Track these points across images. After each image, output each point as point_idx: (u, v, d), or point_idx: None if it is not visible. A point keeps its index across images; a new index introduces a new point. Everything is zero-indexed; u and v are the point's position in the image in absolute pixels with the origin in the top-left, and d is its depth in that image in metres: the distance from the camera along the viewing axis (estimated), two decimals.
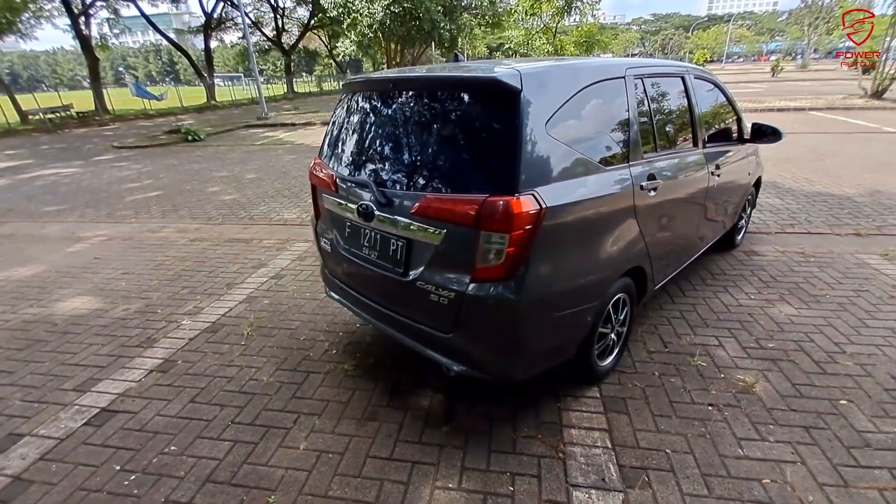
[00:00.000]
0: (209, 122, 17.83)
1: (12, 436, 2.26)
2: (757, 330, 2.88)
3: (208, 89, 27.40)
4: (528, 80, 1.75)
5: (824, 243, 4.15)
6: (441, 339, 2.00)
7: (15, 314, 3.51)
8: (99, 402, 2.46)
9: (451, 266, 1.90)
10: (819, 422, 2.13)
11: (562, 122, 1.87)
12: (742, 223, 4.11)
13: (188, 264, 4.31)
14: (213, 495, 1.89)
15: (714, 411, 2.23)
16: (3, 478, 2.01)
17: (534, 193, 1.73)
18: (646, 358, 2.65)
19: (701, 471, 1.91)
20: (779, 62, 36.36)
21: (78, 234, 5.45)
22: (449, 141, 1.92)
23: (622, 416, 2.23)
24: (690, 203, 2.84)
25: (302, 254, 4.42)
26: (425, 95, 2.03)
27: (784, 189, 5.88)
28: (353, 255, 2.32)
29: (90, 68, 22.10)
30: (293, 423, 2.27)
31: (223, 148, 11.94)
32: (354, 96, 2.40)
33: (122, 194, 7.37)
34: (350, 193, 2.24)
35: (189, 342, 3.00)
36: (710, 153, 2.99)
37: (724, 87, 3.38)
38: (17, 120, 18.99)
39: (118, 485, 1.95)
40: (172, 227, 5.54)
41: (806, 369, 2.49)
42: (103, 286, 3.92)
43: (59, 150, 13.05)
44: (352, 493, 1.87)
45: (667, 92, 2.69)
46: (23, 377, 2.72)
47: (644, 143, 2.34)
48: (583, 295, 2.05)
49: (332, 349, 2.86)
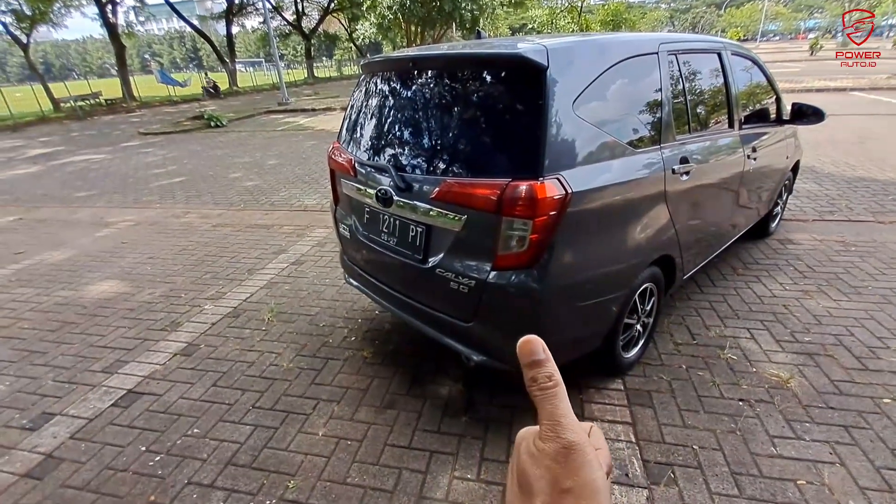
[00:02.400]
0: (231, 108, 18.01)
1: (45, 414, 2.33)
2: (792, 322, 2.74)
3: (230, 75, 27.64)
4: (555, 57, 1.66)
5: (866, 231, 3.92)
6: (461, 327, 1.96)
7: (48, 296, 3.62)
8: (126, 384, 2.52)
9: (471, 253, 1.85)
10: (860, 421, 2.02)
11: (590, 102, 1.77)
12: (777, 210, 3.90)
13: (211, 249, 4.37)
14: (234, 478, 1.91)
15: (745, 407, 2.13)
16: (37, 455, 2.08)
17: (559, 177, 1.65)
18: (672, 350, 2.55)
19: (731, 469, 1.83)
20: (817, 40, 34.33)
21: (106, 219, 5.59)
22: (470, 122, 1.85)
23: (647, 410, 2.15)
24: (724, 188, 2.69)
25: (322, 240, 4.42)
26: (446, 74, 1.95)
27: (823, 174, 5.58)
28: (371, 242, 2.29)
29: (117, 56, 22.52)
30: (312, 409, 2.27)
31: (245, 134, 12.06)
32: (373, 77, 2.33)
33: (148, 180, 7.52)
34: (369, 178, 2.19)
35: (211, 327, 3.04)
36: (746, 135, 2.82)
37: (762, 64, 3.17)
38: (49, 108, 19.57)
39: (143, 465, 2.00)
40: (196, 212, 5.62)
41: (845, 365, 2.36)
42: (130, 270, 4.01)
43: (88, 136, 13.41)
44: (370, 480, 1.87)
45: (702, 69, 2.53)
46: (55, 358, 2.80)
47: (677, 124, 2.21)
48: (608, 284, 1.97)
49: (351, 336, 2.85)
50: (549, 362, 0.36)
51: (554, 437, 0.33)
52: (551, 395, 0.34)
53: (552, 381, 0.35)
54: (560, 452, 0.33)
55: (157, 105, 21.57)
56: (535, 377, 0.35)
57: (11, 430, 2.24)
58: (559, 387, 0.35)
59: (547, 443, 0.33)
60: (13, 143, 12.98)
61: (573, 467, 0.32)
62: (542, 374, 0.35)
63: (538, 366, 0.35)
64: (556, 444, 0.33)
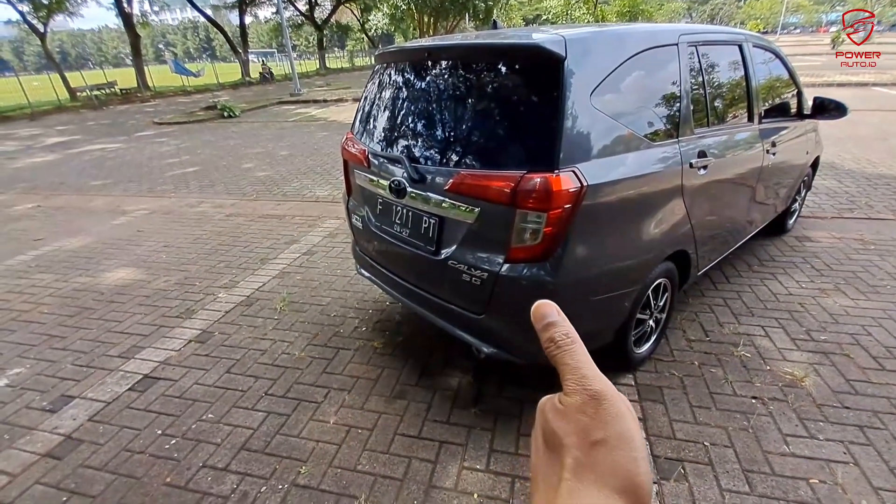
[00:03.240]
0: (244, 98, 18.10)
1: (64, 397, 2.39)
2: (808, 321, 2.70)
3: (243, 65, 27.74)
4: (573, 47, 1.63)
5: (886, 230, 3.84)
6: (472, 319, 1.96)
7: (66, 283, 3.70)
8: (142, 369, 2.57)
9: (484, 245, 1.84)
10: (875, 421, 1.99)
11: (608, 93, 1.74)
12: (795, 206, 3.83)
13: (224, 239, 4.42)
14: (247, 462, 1.95)
15: (758, 405, 2.11)
16: (57, 436, 2.14)
17: (574, 170, 1.64)
18: (685, 346, 2.53)
19: (742, 466, 1.82)
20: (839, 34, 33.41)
21: (122, 207, 5.67)
22: (485, 114, 1.84)
23: (658, 406, 2.15)
24: (742, 183, 2.65)
25: (333, 231, 4.45)
26: (461, 65, 1.94)
27: (842, 170, 5.46)
28: (384, 233, 2.29)
29: (132, 45, 22.71)
30: (324, 397, 2.30)
31: (257, 124, 12.12)
32: (387, 68, 2.32)
33: (163, 169, 7.61)
34: (382, 169, 2.20)
35: (225, 314, 3.08)
36: (766, 129, 2.76)
37: (784, 56, 3.10)
38: (66, 97, 19.84)
39: (160, 448, 2.04)
40: (209, 202, 5.68)
41: (862, 364, 2.32)
42: (146, 258, 4.08)
43: (104, 126, 13.58)
44: (380, 468, 1.89)
45: (722, 61, 2.48)
46: (73, 342, 2.87)
47: (695, 117, 2.17)
48: (622, 279, 1.95)
49: (361, 326, 2.88)
50: (564, 321, 0.35)
51: (580, 389, 0.32)
52: (571, 350, 0.33)
53: (569, 338, 0.34)
54: (588, 403, 0.31)
55: (171, 95, 21.75)
56: (552, 337, 0.34)
57: (32, 412, 2.30)
58: (577, 343, 0.34)
59: (573, 396, 0.32)
60: (31, 132, 13.20)
61: (604, 418, 0.31)
62: (559, 333, 0.34)
63: (553, 326, 0.34)
64: (583, 396, 0.31)
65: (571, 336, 0.34)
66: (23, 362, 2.70)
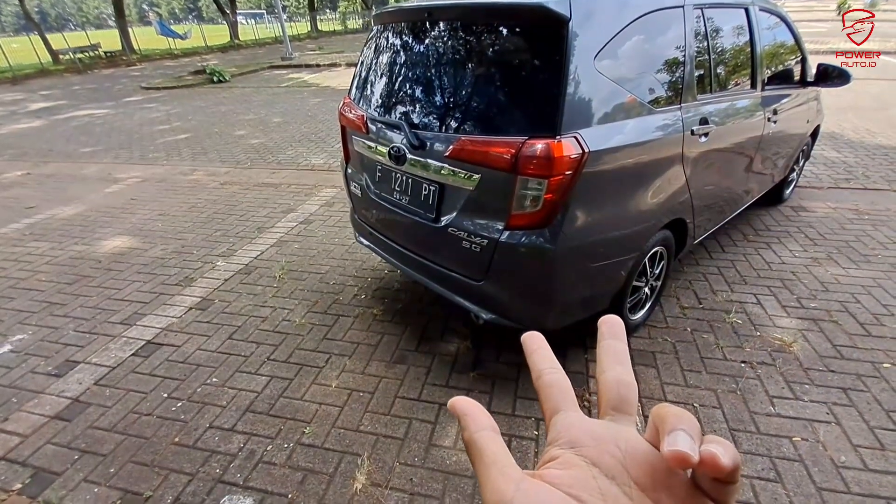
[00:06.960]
0: (234, 63, 17.52)
1: (69, 362, 2.43)
2: (799, 289, 2.75)
3: (231, 27, 26.70)
4: (578, 8, 1.59)
5: (882, 200, 3.86)
6: (471, 286, 1.99)
7: (62, 251, 3.68)
8: (144, 336, 2.61)
9: (484, 212, 1.85)
10: (858, 384, 2.07)
11: (612, 57, 1.71)
12: (793, 176, 3.83)
13: (220, 207, 4.38)
14: (253, 423, 2.01)
15: (747, 368, 2.19)
16: (64, 399, 2.18)
17: (576, 136, 1.62)
18: (678, 313, 2.59)
19: (729, 425, 1.90)
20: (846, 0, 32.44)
21: (114, 175, 5.58)
22: (487, 78, 1.80)
23: (650, 370, 2.21)
24: (741, 152, 2.64)
25: (330, 199, 4.42)
26: (462, 26, 1.89)
27: (842, 141, 5.43)
28: (383, 200, 2.29)
29: (115, 6, 21.70)
30: (325, 362, 2.35)
31: (248, 90, 11.79)
32: (385, 30, 2.26)
33: (153, 136, 7.44)
34: (381, 135, 2.17)
35: (224, 283, 3.10)
36: (768, 96, 2.73)
37: (791, 21, 3.03)
38: (48, 60, 19.10)
39: (167, 410, 2.10)
40: (203, 170, 5.59)
41: (849, 331, 2.39)
42: (141, 226, 4.05)
43: (89, 90, 13.17)
44: (382, 428, 1.96)
45: (728, 26, 2.42)
46: (74, 309, 2.88)
47: (699, 83, 2.14)
48: (620, 246, 1.98)
49: (361, 294, 2.91)
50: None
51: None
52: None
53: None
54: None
55: (158, 58, 21.00)
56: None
57: (38, 376, 2.34)
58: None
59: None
60: (14, 97, 12.79)
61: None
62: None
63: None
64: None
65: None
66: (25, 329, 2.72)
